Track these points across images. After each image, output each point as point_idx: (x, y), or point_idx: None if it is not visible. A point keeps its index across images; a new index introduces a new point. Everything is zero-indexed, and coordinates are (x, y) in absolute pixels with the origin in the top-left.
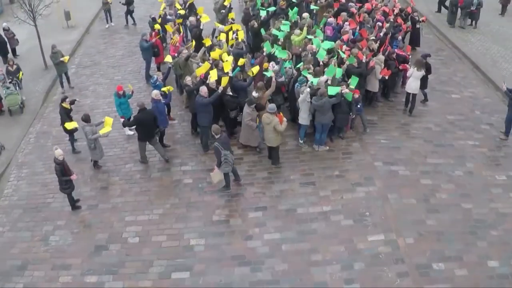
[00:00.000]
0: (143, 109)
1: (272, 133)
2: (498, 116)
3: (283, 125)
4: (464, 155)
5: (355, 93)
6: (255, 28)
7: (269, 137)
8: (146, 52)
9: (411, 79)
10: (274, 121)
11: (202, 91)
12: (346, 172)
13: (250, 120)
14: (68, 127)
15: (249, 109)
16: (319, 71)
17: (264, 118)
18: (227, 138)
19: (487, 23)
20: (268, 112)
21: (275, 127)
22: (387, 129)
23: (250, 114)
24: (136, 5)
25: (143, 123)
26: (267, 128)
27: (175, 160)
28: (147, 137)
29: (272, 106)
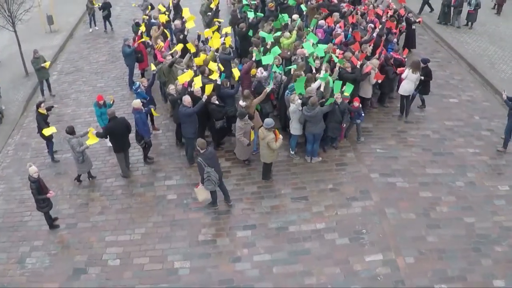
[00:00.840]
0: (114, 118)
1: (265, 149)
2: (498, 121)
3: (278, 142)
4: (465, 164)
5: (355, 101)
6: (243, 31)
7: (263, 152)
8: (128, 58)
9: (406, 81)
10: (268, 137)
11: (185, 100)
12: (340, 185)
13: (243, 135)
14: (46, 133)
15: (240, 123)
16: (311, 77)
17: (259, 132)
18: (213, 154)
19: (483, 23)
20: (264, 128)
21: (268, 144)
22: (383, 137)
23: (242, 128)
24: (122, 8)
25: (114, 132)
26: (261, 143)
27: (158, 173)
28: (122, 147)
29: (269, 121)
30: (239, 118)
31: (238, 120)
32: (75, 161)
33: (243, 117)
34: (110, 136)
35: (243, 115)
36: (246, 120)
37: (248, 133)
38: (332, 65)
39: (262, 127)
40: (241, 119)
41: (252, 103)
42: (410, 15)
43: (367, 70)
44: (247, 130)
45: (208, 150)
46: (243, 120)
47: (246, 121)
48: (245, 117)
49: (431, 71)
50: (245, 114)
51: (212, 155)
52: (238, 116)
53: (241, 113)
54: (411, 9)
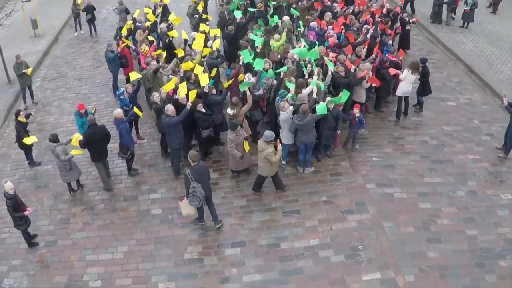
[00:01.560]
0: (93, 124)
1: (263, 162)
2: (498, 125)
3: (277, 155)
4: (465, 172)
5: (356, 107)
6: (232, 34)
7: (260, 165)
8: (112, 63)
9: (404, 82)
10: (267, 150)
11: (168, 110)
12: (334, 198)
13: (234, 147)
14: (27, 142)
15: (232, 135)
16: (302, 83)
17: (258, 145)
18: (203, 169)
19: (479, 22)
20: (263, 140)
21: (267, 158)
22: (379, 145)
23: (233, 141)
24: (109, 11)
25: (92, 140)
26: (259, 156)
27: (142, 186)
28: (100, 156)
29: (269, 133)
30: (231, 129)
31: (229, 131)
32: (61, 170)
33: (235, 128)
34: (88, 144)
35: (235, 126)
36: (238, 132)
37: (241, 145)
38: (325, 69)
39: (262, 140)
40: (232, 131)
41: (241, 111)
42: (405, 14)
43: (362, 74)
44: (239, 142)
45: (199, 164)
46: (234, 132)
47: (238, 132)
48: (237, 128)
49: (429, 71)
50: (236, 125)
51: (202, 170)
52: (230, 127)
53: (232, 124)
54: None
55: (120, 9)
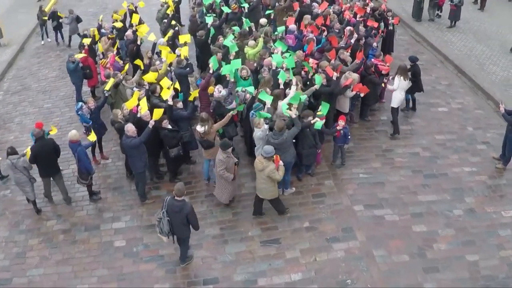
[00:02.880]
0: (41, 138)
1: (266, 182)
2: (494, 131)
3: (280, 171)
4: (462, 187)
5: (341, 119)
6: (203, 39)
7: (261, 187)
8: (74, 75)
9: (398, 91)
10: (269, 168)
11: (128, 130)
12: (318, 223)
13: (225, 170)
14: None
15: (222, 155)
16: (279, 94)
17: (256, 163)
18: (181, 210)
19: (467, 19)
20: (262, 156)
21: (270, 176)
22: (367, 159)
23: (224, 162)
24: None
25: (40, 155)
26: (259, 177)
27: (105, 213)
28: (48, 172)
29: (268, 149)
30: (222, 149)
31: (219, 151)
32: (24, 187)
33: (226, 148)
34: (36, 159)
35: (227, 146)
36: (229, 153)
37: (232, 167)
38: (305, 77)
39: (260, 157)
40: (223, 151)
41: (212, 128)
42: (389, 14)
43: (347, 83)
44: (229, 165)
45: (180, 203)
46: (225, 153)
47: (229, 153)
48: (229, 149)
49: (419, 70)
50: (228, 145)
51: (179, 210)
52: (221, 146)
53: (224, 144)
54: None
55: (71, 18)
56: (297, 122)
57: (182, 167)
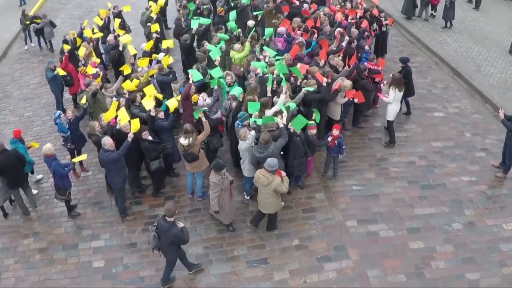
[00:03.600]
0: (3, 151)
1: (272, 197)
2: (493, 137)
3: (285, 182)
4: (460, 199)
5: (335, 128)
6: (187, 44)
7: (267, 202)
8: (53, 83)
9: (394, 103)
10: (275, 181)
11: (106, 143)
12: (308, 241)
13: (219, 192)
14: None
15: (216, 178)
16: (266, 102)
17: (260, 178)
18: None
19: (461, 19)
20: (266, 170)
21: (277, 190)
22: (360, 169)
23: (218, 185)
24: (63, 20)
25: (5, 167)
26: (264, 192)
27: (84, 231)
28: (17, 182)
29: (272, 161)
30: (215, 170)
31: (212, 173)
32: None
33: (220, 169)
34: (1, 171)
35: (220, 167)
36: (223, 174)
37: (227, 190)
38: (293, 84)
39: (263, 171)
40: (217, 173)
41: (197, 140)
42: (382, 15)
43: (336, 87)
44: (224, 186)
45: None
46: (219, 174)
47: (223, 174)
48: (223, 170)
49: (411, 71)
50: (222, 166)
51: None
52: (213, 168)
53: (218, 164)
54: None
55: (43, 23)
56: (284, 132)
57: (165, 180)
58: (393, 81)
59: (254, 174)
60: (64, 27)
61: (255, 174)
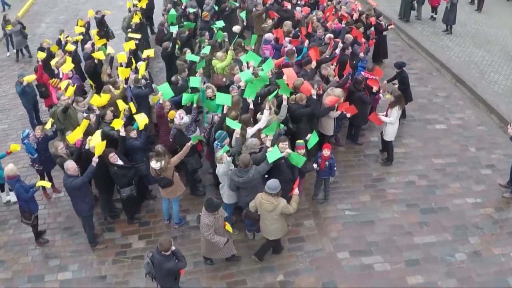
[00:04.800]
0: None
1: (278, 221)
2: (499, 152)
3: (293, 203)
4: (465, 224)
5: (326, 148)
6: (168, 52)
7: (273, 228)
8: (23, 97)
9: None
10: (280, 205)
11: (69, 168)
12: (294, 276)
13: (213, 234)
14: None
15: (209, 218)
16: (247, 120)
17: (264, 204)
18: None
19: (463, 22)
20: (268, 194)
21: (284, 212)
22: (354, 191)
23: (211, 226)
24: (48, 24)
25: None
26: (269, 218)
27: (52, 261)
28: None
29: (273, 184)
30: (208, 210)
31: (205, 213)
32: None
33: (214, 210)
34: None
35: (214, 207)
36: (216, 214)
37: (222, 227)
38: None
39: (265, 196)
40: (210, 213)
41: (170, 163)
42: (381, 18)
43: (330, 103)
44: (218, 225)
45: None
46: (212, 214)
47: (216, 214)
48: (217, 210)
49: (407, 76)
50: (216, 206)
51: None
52: (206, 208)
53: (211, 204)
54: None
55: (11, 31)
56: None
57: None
58: (397, 100)
59: (235, 200)
60: (49, 32)
61: (256, 199)
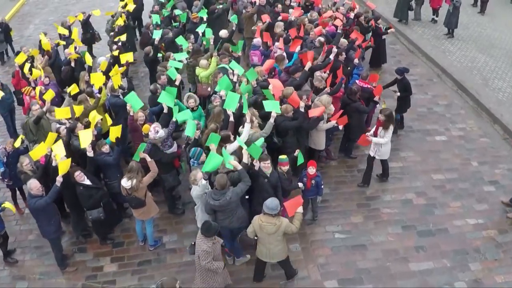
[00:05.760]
0: None
1: (281, 242)
2: (503, 167)
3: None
4: (465, 248)
5: (311, 165)
6: (150, 57)
7: (276, 251)
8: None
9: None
10: (283, 225)
11: (32, 187)
12: None
13: (211, 261)
14: None
15: (207, 244)
16: (226, 137)
17: (265, 227)
18: None
19: (466, 24)
20: (267, 215)
21: (287, 232)
22: (345, 211)
23: (210, 253)
24: (36, 26)
25: None
26: (272, 240)
27: (19, 283)
28: None
29: (272, 204)
30: (205, 235)
31: (202, 239)
32: None
33: (211, 234)
34: None
35: (212, 231)
36: (214, 239)
37: (219, 255)
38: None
39: (264, 217)
40: (207, 238)
41: (142, 182)
42: (379, 21)
43: (317, 113)
44: (217, 252)
45: None
46: (209, 240)
47: (214, 239)
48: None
49: (409, 83)
50: (214, 230)
51: None
52: (203, 232)
53: (208, 228)
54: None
55: None
56: (244, 175)
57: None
58: (388, 119)
59: None
60: (37, 34)
61: (254, 222)
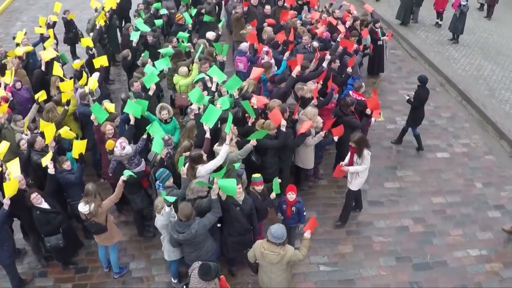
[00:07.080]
0: None
1: (285, 272)
2: (510, 189)
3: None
4: (465, 284)
5: (290, 190)
6: (128, 61)
7: (279, 280)
8: None
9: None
10: (288, 254)
11: None
12: None
13: None
14: None
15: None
16: (197, 156)
17: (268, 256)
18: None
19: (471, 30)
20: (271, 243)
21: (293, 260)
22: (333, 239)
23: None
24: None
25: None
26: (275, 270)
27: None
28: None
29: (277, 231)
30: (202, 279)
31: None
32: None
33: (211, 278)
34: None
35: (212, 275)
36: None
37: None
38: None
39: (267, 245)
40: (205, 279)
41: (102, 206)
42: (378, 25)
43: (303, 129)
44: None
45: None
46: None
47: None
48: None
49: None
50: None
51: None
52: (202, 276)
53: (208, 270)
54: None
55: None
56: (216, 204)
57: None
58: (361, 144)
59: (178, 256)
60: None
61: (255, 248)
